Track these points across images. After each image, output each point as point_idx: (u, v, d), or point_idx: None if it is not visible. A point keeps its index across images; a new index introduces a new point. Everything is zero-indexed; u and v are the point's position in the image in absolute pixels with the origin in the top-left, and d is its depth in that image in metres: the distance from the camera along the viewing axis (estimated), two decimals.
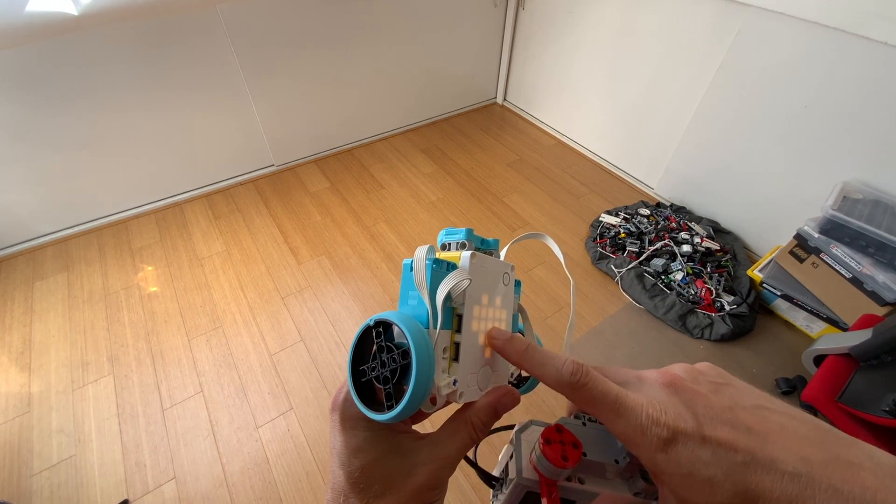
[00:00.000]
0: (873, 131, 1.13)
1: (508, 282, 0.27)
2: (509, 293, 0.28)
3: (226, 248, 1.56)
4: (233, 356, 1.25)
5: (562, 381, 0.21)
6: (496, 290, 0.26)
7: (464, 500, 0.98)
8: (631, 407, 0.19)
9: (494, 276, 0.26)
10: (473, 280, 0.24)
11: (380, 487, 0.21)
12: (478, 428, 0.23)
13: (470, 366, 0.24)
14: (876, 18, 1.03)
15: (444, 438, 0.23)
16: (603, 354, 1.26)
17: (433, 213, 1.71)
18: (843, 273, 1.13)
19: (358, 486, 0.21)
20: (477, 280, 0.24)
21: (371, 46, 1.80)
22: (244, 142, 1.77)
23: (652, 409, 0.18)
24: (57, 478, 1.01)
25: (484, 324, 0.25)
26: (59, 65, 1.28)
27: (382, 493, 0.21)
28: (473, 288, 0.24)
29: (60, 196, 1.52)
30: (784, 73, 1.25)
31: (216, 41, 1.47)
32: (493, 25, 2.11)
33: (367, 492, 0.21)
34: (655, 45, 1.57)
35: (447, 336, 0.23)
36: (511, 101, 2.38)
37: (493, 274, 0.26)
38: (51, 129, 1.38)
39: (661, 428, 0.18)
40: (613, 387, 0.20)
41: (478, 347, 0.25)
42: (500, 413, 0.24)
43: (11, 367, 1.21)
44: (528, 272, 1.49)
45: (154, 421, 1.11)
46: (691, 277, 1.37)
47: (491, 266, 0.26)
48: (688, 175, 1.64)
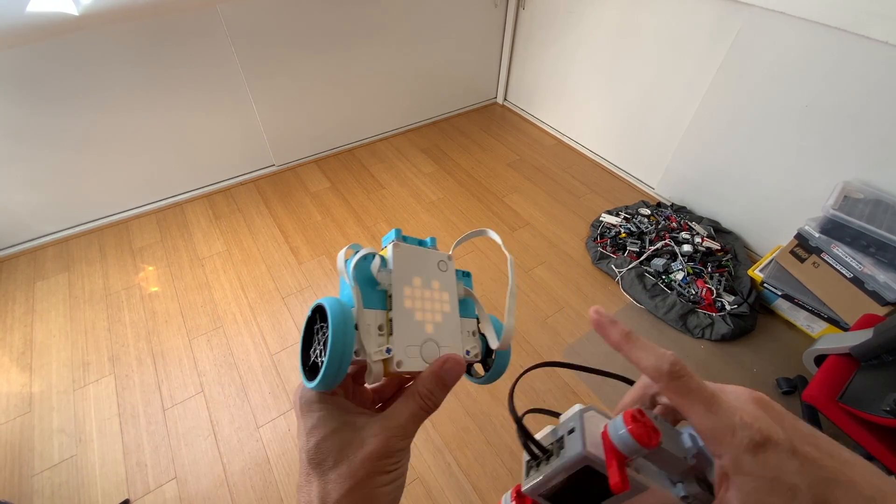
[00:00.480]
0: (874, 131, 1.13)
1: (446, 269, 0.31)
2: (449, 278, 0.31)
3: (226, 248, 1.56)
4: (233, 356, 1.25)
5: (661, 370, 0.21)
6: (432, 275, 0.30)
7: (464, 500, 0.99)
8: (725, 406, 0.20)
9: (426, 262, 0.30)
10: (401, 265, 0.29)
11: (333, 460, 0.23)
12: (423, 395, 0.25)
13: (406, 338, 0.27)
14: (876, 18, 1.02)
15: (394, 410, 0.25)
16: (603, 354, 1.26)
17: (433, 213, 1.71)
18: (844, 273, 1.13)
19: (314, 462, 0.23)
20: (403, 264, 0.29)
21: (372, 46, 1.80)
22: (245, 142, 1.77)
23: (745, 413, 0.19)
24: (58, 477, 1.01)
25: (420, 303, 0.28)
26: (60, 65, 1.29)
27: (335, 464, 0.23)
28: (402, 271, 0.28)
29: (61, 196, 1.53)
30: (785, 72, 1.24)
31: (217, 41, 1.47)
32: (493, 25, 2.11)
33: (323, 465, 0.23)
34: (656, 45, 1.57)
35: (380, 314, 0.27)
36: (511, 101, 2.38)
37: (425, 261, 0.30)
38: (52, 130, 1.38)
39: (754, 432, 0.19)
40: (709, 384, 0.21)
41: (415, 322, 0.28)
42: (446, 380, 0.26)
43: (13, 367, 1.21)
44: (529, 272, 1.49)
45: (155, 421, 1.11)
46: (692, 277, 1.37)
47: (420, 254, 0.30)
48: (688, 175, 1.64)
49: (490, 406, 1.14)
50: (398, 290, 0.28)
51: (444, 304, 0.30)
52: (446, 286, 0.30)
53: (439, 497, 0.99)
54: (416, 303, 0.29)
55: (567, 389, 1.18)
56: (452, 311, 0.30)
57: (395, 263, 0.29)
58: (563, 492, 0.24)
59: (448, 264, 0.31)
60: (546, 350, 1.26)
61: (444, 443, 1.07)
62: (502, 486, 1.00)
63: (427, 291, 0.29)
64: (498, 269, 1.50)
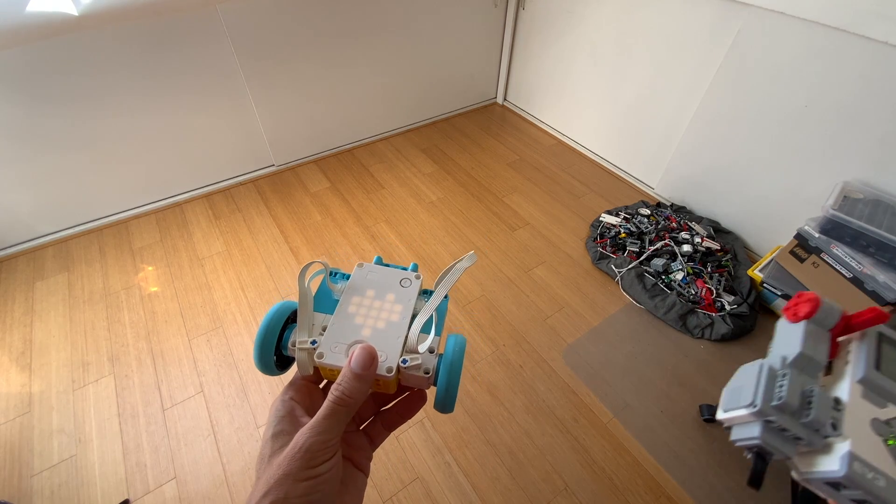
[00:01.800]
0: (874, 131, 1.13)
1: (408, 285, 0.33)
2: (408, 294, 0.33)
3: (226, 248, 1.56)
4: (233, 356, 1.25)
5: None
6: (389, 289, 0.33)
7: (464, 500, 0.99)
8: None
9: (387, 279, 0.33)
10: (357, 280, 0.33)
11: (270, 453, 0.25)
12: (338, 389, 0.26)
13: (337, 336, 0.29)
14: (876, 18, 1.02)
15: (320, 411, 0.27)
16: (603, 354, 1.26)
17: (433, 213, 1.71)
18: (844, 273, 1.13)
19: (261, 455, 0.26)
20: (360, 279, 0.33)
21: (371, 46, 1.80)
22: (244, 142, 1.77)
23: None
24: (57, 478, 1.01)
25: (365, 310, 0.31)
26: (60, 65, 1.28)
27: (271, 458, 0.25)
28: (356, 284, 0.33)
29: (61, 196, 1.52)
30: (784, 72, 1.24)
31: (216, 41, 1.47)
32: (493, 25, 2.11)
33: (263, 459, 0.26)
34: (655, 45, 1.57)
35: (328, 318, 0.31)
36: (511, 101, 2.38)
37: (387, 278, 0.34)
38: (51, 129, 1.38)
39: None
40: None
41: (352, 325, 0.30)
42: (359, 371, 0.26)
43: (12, 367, 1.21)
44: (528, 272, 1.49)
45: (155, 421, 1.11)
46: (692, 277, 1.37)
47: (384, 273, 0.34)
48: (688, 175, 1.64)
49: (490, 406, 1.14)
50: (346, 298, 0.32)
51: (394, 314, 0.31)
52: (402, 300, 0.32)
53: (439, 497, 0.99)
54: (360, 310, 0.31)
55: (567, 389, 1.18)
56: (401, 320, 0.31)
57: (353, 277, 0.33)
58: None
59: (412, 282, 0.33)
60: (545, 350, 1.26)
61: (443, 443, 1.07)
62: (502, 487, 1.00)
63: (378, 302, 0.32)
64: (498, 270, 1.50)
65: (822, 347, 0.27)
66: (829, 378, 0.28)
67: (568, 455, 1.06)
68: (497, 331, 1.32)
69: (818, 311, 0.28)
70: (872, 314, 0.27)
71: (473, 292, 1.42)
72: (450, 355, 0.29)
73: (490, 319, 1.34)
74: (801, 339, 0.27)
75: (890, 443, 0.23)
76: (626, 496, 0.99)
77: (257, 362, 0.30)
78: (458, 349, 0.30)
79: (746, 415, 0.25)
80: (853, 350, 0.27)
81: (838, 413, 0.25)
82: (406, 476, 1.02)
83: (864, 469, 0.22)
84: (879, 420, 0.24)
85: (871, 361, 0.25)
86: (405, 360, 0.29)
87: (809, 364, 0.27)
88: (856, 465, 0.22)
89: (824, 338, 0.28)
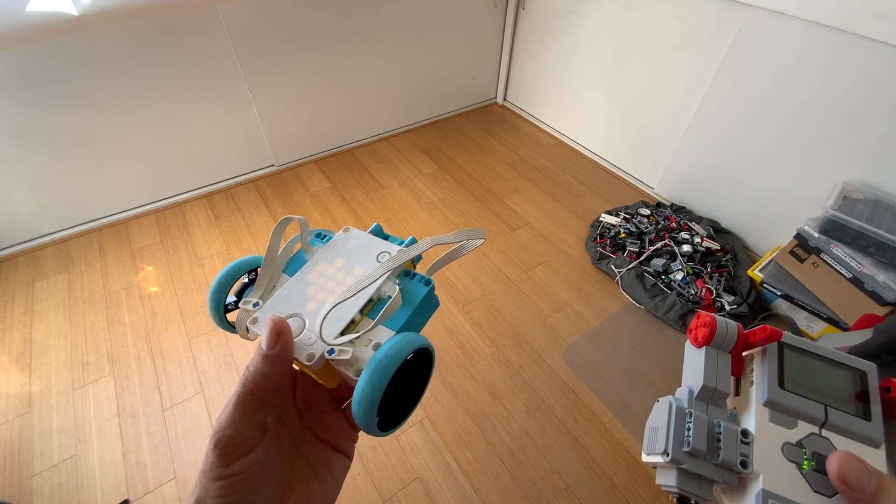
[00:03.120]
0: (874, 131, 1.13)
1: (383, 259, 0.29)
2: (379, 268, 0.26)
3: (226, 249, 1.56)
4: (233, 356, 1.25)
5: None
6: (360, 261, 0.29)
7: (464, 500, 0.99)
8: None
9: (366, 249, 0.29)
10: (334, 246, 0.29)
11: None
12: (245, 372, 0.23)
13: (279, 304, 0.26)
14: (876, 18, 1.02)
15: None
16: (603, 354, 1.26)
17: (433, 213, 1.71)
18: (844, 273, 1.13)
19: None
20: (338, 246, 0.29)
21: (371, 46, 1.80)
22: (244, 142, 1.77)
23: None
24: (57, 478, 1.01)
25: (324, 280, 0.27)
26: (60, 65, 1.28)
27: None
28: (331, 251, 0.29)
29: (61, 196, 1.52)
30: (784, 72, 1.24)
31: (216, 41, 1.47)
32: (493, 25, 2.11)
33: None
34: (655, 44, 1.57)
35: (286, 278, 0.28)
36: (511, 101, 2.38)
37: (367, 248, 0.29)
38: (51, 129, 1.38)
39: None
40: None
41: (302, 295, 0.27)
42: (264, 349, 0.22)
43: (12, 367, 1.21)
44: (528, 272, 1.49)
45: (154, 421, 1.11)
46: (691, 277, 1.37)
47: (365, 240, 0.30)
48: (688, 175, 1.64)
49: (490, 406, 1.14)
50: (312, 264, 0.28)
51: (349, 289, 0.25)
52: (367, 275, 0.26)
53: (439, 497, 0.99)
54: (320, 279, 0.27)
55: (567, 389, 1.18)
56: (356, 301, 0.25)
57: (331, 242, 0.30)
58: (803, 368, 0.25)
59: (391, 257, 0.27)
60: (545, 350, 1.26)
61: (443, 443, 1.07)
62: (502, 487, 1.00)
63: (341, 274, 0.27)
64: (498, 269, 1.50)
65: (724, 373, 0.26)
66: (738, 399, 0.27)
67: (568, 455, 1.06)
68: (497, 331, 1.32)
69: (716, 335, 0.27)
70: (766, 334, 0.26)
71: (473, 292, 1.42)
72: (379, 356, 0.21)
73: (490, 319, 1.34)
74: (703, 369, 0.26)
75: (805, 467, 0.22)
76: (626, 496, 0.99)
77: (211, 311, 0.28)
78: (395, 351, 0.22)
79: (662, 462, 0.25)
80: (756, 368, 0.26)
81: (747, 447, 0.23)
82: (406, 476, 1.02)
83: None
84: (791, 444, 0.23)
85: (773, 380, 0.25)
86: (331, 349, 0.23)
87: (715, 395, 0.26)
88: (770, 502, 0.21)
89: (726, 362, 0.27)
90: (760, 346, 0.26)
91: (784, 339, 0.26)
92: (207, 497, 0.21)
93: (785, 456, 0.23)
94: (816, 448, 0.23)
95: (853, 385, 0.24)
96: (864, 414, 0.23)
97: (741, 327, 0.27)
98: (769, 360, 0.25)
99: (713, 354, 0.27)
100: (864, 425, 0.23)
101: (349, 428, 0.29)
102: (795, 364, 0.25)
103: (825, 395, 0.24)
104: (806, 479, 0.22)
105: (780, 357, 0.25)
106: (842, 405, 0.24)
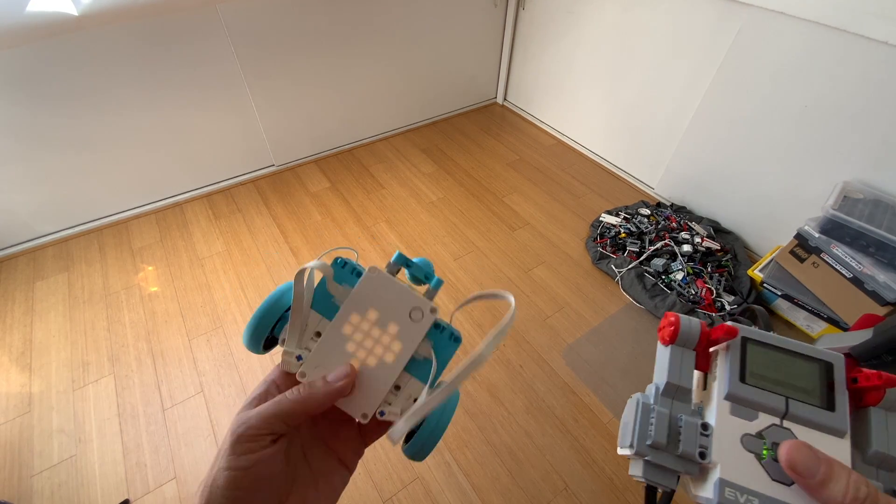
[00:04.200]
0: (874, 131, 1.13)
1: (419, 319, 0.28)
2: (414, 330, 0.28)
3: (226, 248, 1.56)
4: (233, 356, 1.25)
5: None
6: (394, 317, 0.28)
7: (464, 500, 0.99)
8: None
9: (398, 302, 0.28)
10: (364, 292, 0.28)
11: None
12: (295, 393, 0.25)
13: (322, 359, 0.27)
14: (876, 18, 1.02)
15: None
16: (603, 354, 1.26)
17: (433, 213, 1.71)
18: (844, 273, 1.13)
19: None
20: (368, 292, 0.28)
21: (371, 46, 1.80)
22: (244, 142, 1.77)
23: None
24: (58, 477, 1.01)
25: (361, 336, 0.27)
26: (60, 65, 1.28)
27: None
28: (361, 298, 0.28)
29: (61, 196, 1.52)
30: (784, 72, 1.24)
31: (216, 41, 1.47)
32: (493, 25, 2.11)
33: None
34: (655, 45, 1.57)
35: (324, 322, 0.28)
36: (511, 101, 2.38)
37: (397, 300, 0.28)
38: (51, 129, 1.38)
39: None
40: None
41: (342, 351, 0.27)
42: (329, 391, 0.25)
43: (12, 367, 1.21)
44: (528, 272, 1.49)
45: (155, 421, 1.11)
46: (692, 277, 1.37)
47: (394, 290, 0.28)
48: (688, 175, 1.64)
49: (490, 406, 1.14)
50: (344, 313, 0.28)
51: (389, 353, 0.27)
52: (404, 337, 0.27)
53: (439, 497, 0.99)
54: (356, 334, 0.28)
55: (567, 389, 1.18)
56: (395, 363, 0.27)
57: (359, 287, 0.28)
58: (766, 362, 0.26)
59: (424, 317, 0.28)
60: (545, 350, 1.26)
61: (443, 443, 1.07)
62: (502, 487, 1.00)
63: (377, 330, 0.28)
64: (498, 269, 1.50)
65: (687, 370, 0.27)
66: (705, 394, 0.28)
67: (568, 455, 1.06)
68: None
69: (679, 334, 0.28)
70: (723, 331, 0.27)
71: (473, 292, 1.42)
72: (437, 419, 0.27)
73: (490, 319, 1.34)
74: (668, 366, 0.28)
75: (764, 454, 0.23)
76: (626, 496, 0.99)
77: (246, 341, 0.29)
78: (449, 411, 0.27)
79: (630, 454, 0.26)
80: (720, 364, 0.27)
81: (706, 439, 0.24)
82: (406, 476, 1.02)
83: (735, 494, 0.22)
84: (750, 435, 0.24)
85: (734, 374, 0.25)
86: (382, 411, 0.27)
87: (678, 390, 0.27)
88: (727, 491, 0.22)
89: (690, 359, 0.28)
90: (724, 343, 0.27)
91: (746, 335, 0.26)
92: (216, 485, 0.22)
93: (744, 446, 0.23)
94: (777, 438, 0.23)
95: (819, 376, 0.25)
96: (829, 404, 0.24)
97: (704, 325, 0.28)
98: (731, 355, 0.26)
99: (678, 352, 0.28)
100: (828, 416, 0.23)
101: (359, 441, 0.30)
102: (759, 358, 0.26)
103: (788, 386, 0.25)
104: (765, 468, 0.23)
105: (742, 352, 0.26)
106: (805, 396, 0.24)
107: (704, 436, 0.25)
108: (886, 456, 0.22)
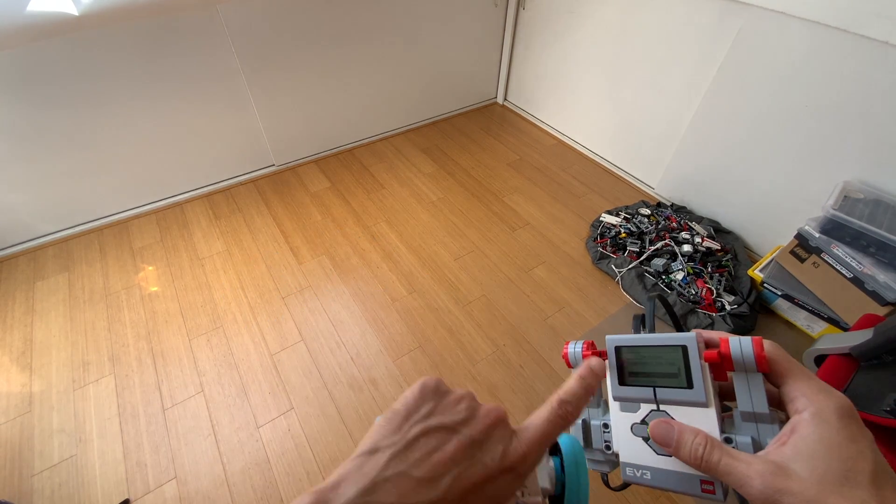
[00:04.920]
0: (874, 131, 1.13)
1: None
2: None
3: (226, 248, 1.56)
4: (233, 356, 1.25)
5: None
6: None
7: None
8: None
9: None
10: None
11: None
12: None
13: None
14: (876, 18, 1.02)
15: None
16: None
17: (433, 213, 1.71)
18: (844, 273, 1.13)
19: None
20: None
21: (372, 46, 1.80)
22: (245, 142, 1.77)
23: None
24: (58, 477, 1.01)
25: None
26: (60, 65, 1.29)
27: None
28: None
29: (61, 196, 1.52)
30: (784, 72, 1.24)
31: (217, 41, 1.47)
32: (493, 25, 2.11)
33: None
34: (655, 45, 1.57)
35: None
36: (511, 101, 2.38)
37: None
38: (52, 130, 1.38)
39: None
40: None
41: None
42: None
43: (12, 367, 1.21)
44: (529, 272, 1.49)
45: (155, 421, 1.11)
46: (692, 277, 1.37)
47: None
48: (688, 175, 1.64)
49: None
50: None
51: None
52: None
53: None
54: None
55: None
56: None
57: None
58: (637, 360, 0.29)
59: None
60: (546, 350, 1.26)
61: None
62: None
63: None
64: (498, 269, 1.50)
65: None
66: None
67: None
68: (497, 331, 1.32)
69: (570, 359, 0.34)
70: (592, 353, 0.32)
71: (474, 292, 1.42)
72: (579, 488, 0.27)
73: (490, 319, 1.34)
74: None
75: (648, 438, 0.28)
76: (626, 496, 0.99)
77: None
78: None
79: None
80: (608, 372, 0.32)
81: (608, 434, 0.30)
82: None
83: (633, 470, 0.28)
84: (637, 423, 0.29)
85: (615, 379, 0.30)
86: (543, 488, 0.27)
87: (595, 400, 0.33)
88: (628, 470, 0.28)
89: None
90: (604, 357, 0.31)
91: (617, 343, 0.30)
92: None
93: (634, 433, 0.29)
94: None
95: (680, 360, 0.28)
96: (688, 383, 0.27)
97: (586, 345, 0.33)
98: (609, 363, 0.30)
99: None
100: (689, 392, 0.27)
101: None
102: (632, 359, 0.30)
103: (657, 376, 0.28)
104: (650, 447, 0.28)
105: (617, 358, 0.30)
106: (670, 381, 0.28)
107: (606, 432, 0.31)
108: (753, 413, 0.26)
